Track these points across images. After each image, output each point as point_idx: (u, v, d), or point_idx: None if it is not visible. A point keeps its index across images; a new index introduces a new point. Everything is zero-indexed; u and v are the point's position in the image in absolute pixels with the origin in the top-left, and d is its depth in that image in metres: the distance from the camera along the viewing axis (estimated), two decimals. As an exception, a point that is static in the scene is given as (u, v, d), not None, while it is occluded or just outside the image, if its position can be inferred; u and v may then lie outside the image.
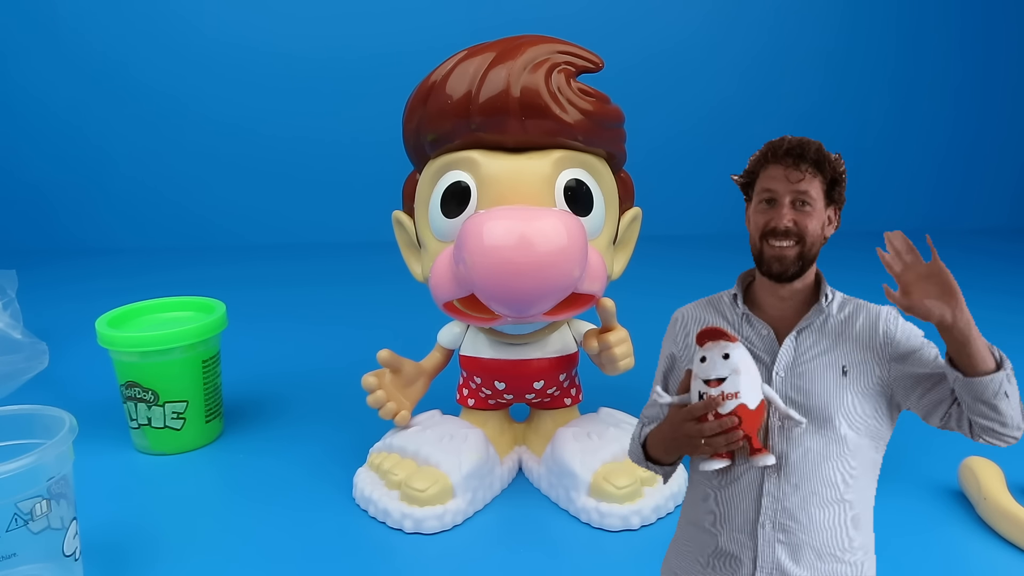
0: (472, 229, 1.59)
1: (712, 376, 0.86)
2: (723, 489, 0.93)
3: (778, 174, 0.90)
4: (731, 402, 0.84)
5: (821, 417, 0.90)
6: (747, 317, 0.95)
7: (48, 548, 1.43)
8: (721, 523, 0.93)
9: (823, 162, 0.90)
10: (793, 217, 0.89)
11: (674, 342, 1.01)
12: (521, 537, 1.73)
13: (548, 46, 1.71)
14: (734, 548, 0.92)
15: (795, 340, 0.93)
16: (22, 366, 2.59)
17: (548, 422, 2.01)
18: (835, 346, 0.92)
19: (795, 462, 0.90)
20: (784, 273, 0.90)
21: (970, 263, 4.27)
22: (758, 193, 0.93)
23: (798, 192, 0.89)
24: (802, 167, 0.89)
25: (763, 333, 0.94)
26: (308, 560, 1.64)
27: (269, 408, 2.44)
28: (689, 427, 0.86)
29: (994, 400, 0.84)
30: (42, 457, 1.36)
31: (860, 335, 0.92)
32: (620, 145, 1.87)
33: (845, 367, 0.91)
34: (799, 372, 0.92)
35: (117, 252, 4.76)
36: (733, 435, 0.84)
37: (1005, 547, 1.66)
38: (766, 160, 0.92)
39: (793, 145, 0.90)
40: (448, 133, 1.73)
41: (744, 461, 0.90)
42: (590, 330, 1.88)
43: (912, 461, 1.99)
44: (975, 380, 0.83)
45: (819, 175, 0.90)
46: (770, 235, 0.90)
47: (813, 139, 0.91)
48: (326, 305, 3.59)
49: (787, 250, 0.89)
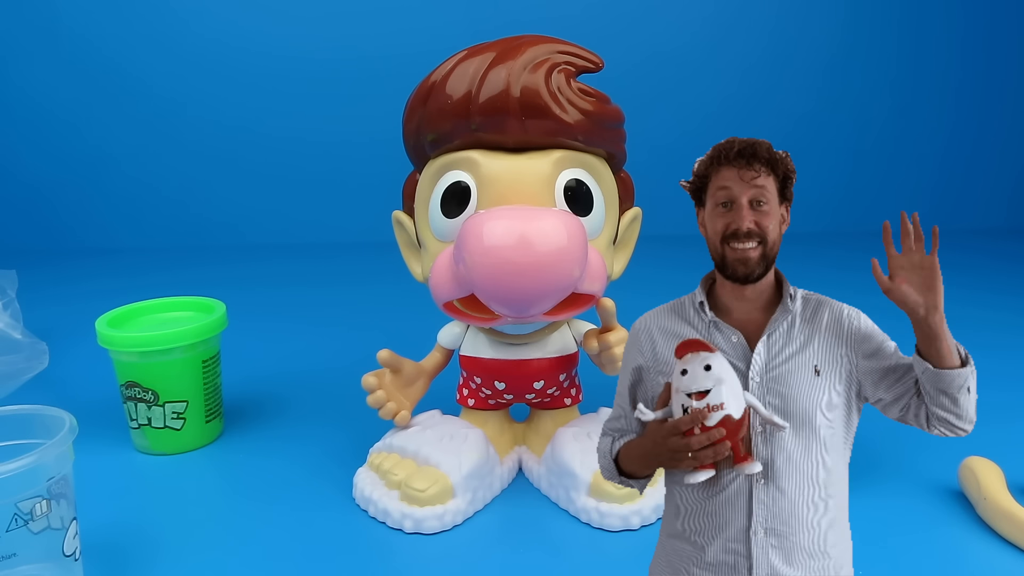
0: (472, 229, 1.59)
1: (695, 389, 0.84)
2: (709, 500, 0.91)
3: (732, 175, 0.90)
4: (717, 414, 0.83)
5: (800, 418, 0.90)
6: (715, 324, 0.94)
7: (48, 548, 1.43)
8: (710, 534, 0.92)
9: (775, 160, 0.90)
10: (753, 218, 0.89)
11: (640, 353, 0.98)
12: (521, 537, 1.73)
13: (548, 46, 1.71)
14: (726, 557, 0.91)
15: (766, 344, 0.92)
16: (22, 366, 2.59)
17: (548, 422, 2.01)
18: (805, 346, 0.92)
19: (780, 466, 0.90)
20: (750, 275, 0.90)
21: (970, 263, 4.27)
22: (712, 196, 0.92)
23: (757, 191, 0.89)
24: (755, 166, 0.89)
25: (733, 340, 0.93)
26: (308, 560, 1.64)
27: (269, 408, 2.44)
28: (674, 442, 0.84)
29: (956, 393, 0.86)
30: (42, 457, 1.36)
31: (827, 332, 0.93)
32: (620, 145, 1.87)
33: (817, 366, 0.91)
34: (774, 376, 0.91)
35: (117, 252, 4.76)
36: (721, 447, 0.83)
37: (1005, 547, 1.66)
38: (718, 162, 0.91)
39: (745, 145, 0.90)
40: (448, 133, 1.73)
41: (730, 471, 0.89)
42: (590, 330, 1.88)
43: (912, 461, 1.99)
44: (944, 372, 0.85)
45: (772, 174, 0.90)
46: (732, 238, 0.90)
47: (761, 139, 0.91)
48: (326, 305, 3.59)
49: (750, 251, 0.89)
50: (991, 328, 3.05)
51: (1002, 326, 3.12)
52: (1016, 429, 2.18)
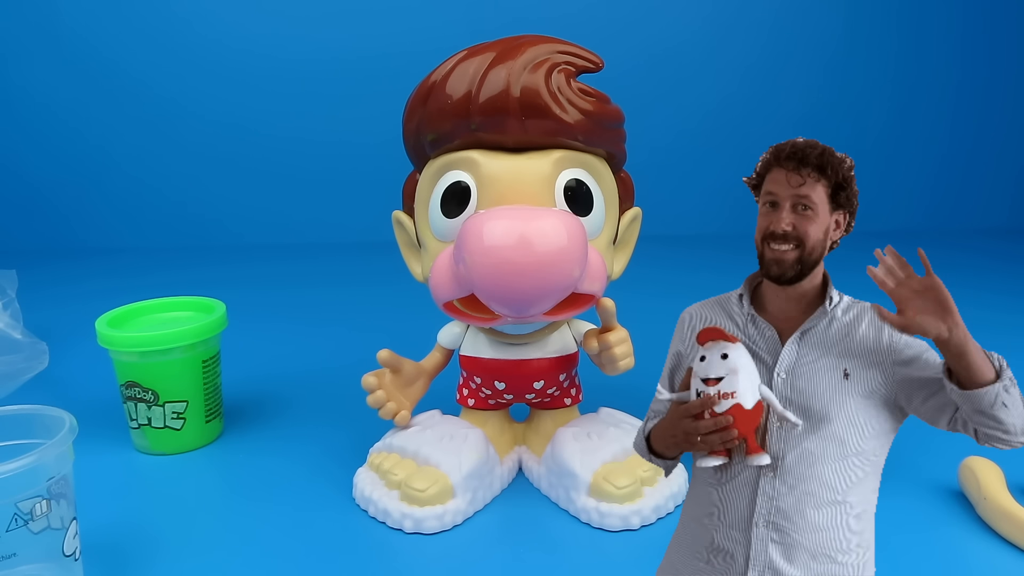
0: (472, 229, 1.59)
1: (710, 375, 0.87)
2: (721, 486, 0.94)
3: (780, 178, 0.91)
4: (727, 401, 0.86)
5: (820, 419, 0.90)
6: (752, 318, 0.96)
7: (48, 548, 1.43)
8: (719, 519, 0.94)
9: (826, 166, 0.90)
10: (792, 221, 0.90)
11: (681, 341, 1.02)
12: (521, 537, 1.73)
13: (548, 46, 1.71)
14: (728, 544, 0.93)
15: (798, 342, 0.93)
16: (22, 366, 2.59)
17: (548, 422, 2.01)
18: (838, 349, 0.92)
19: (791, 463, 0.90)
20: (782, 276, 0.91)
21: (970, 263, 4.28)
22: (762, 196, 0.93)
23: (799, 196, 0.89)
24: (803, 171, 0.89)
25: (767, 334, 0.95)
26: (308, 560, 1.64)
27: (269, 408, 2.44)
28: (686, 423, 0.88)
29: (991, 411, 0.83)
30: (42, 457, 1.36)
31: (864, 339, 0.93)
32: (620, 145, 1.87)
33: (847, 370, 0.91)
34: (800, 374, 0.92)
35: (117, 252, 4.76)
36: (728, 433, 0.85)
37: (1005, 547, 1.66)
38: (770, 163, 0.92)
39: (797, 149, 0.90)
40: (448, 133, 1.73)
41: (741, 460, 0.91)
42: (590, 330, 1.88)
43: (912, 461, 1.99)
44: (970, 392, 0.83)
45: (822, 179, 0.90)
46: (770, 238, 0.90)
47: (821, 142, 0.91)
48: (326, 305, 3.59)
49: (785, 254, 0.90)
50: (991, 328, 3.04)
51: (1002, 326, 3.12)
52: (1016, 429, 2.18)
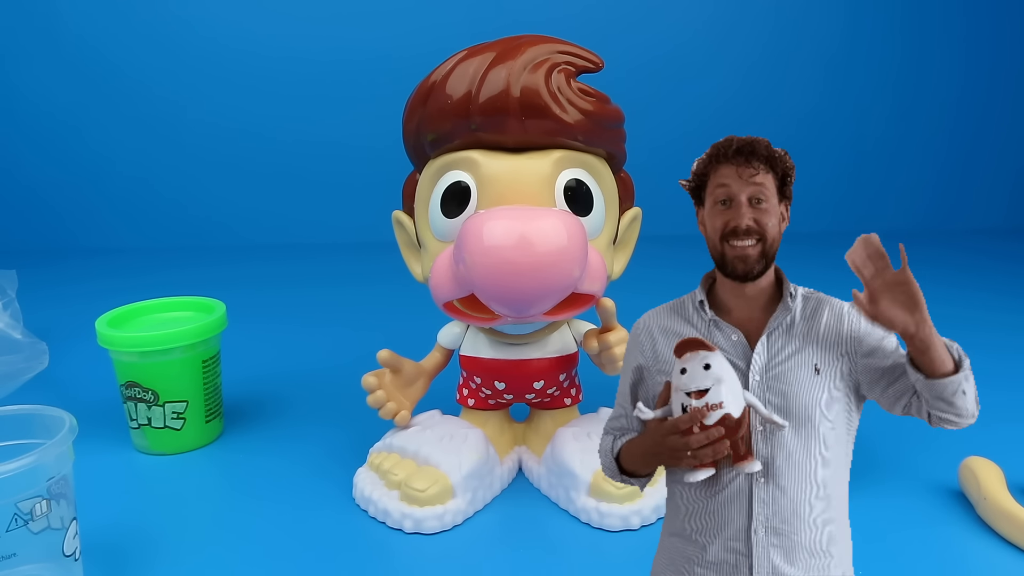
0: (472, 229, 1.59)
1: (694, 388, 0.85)
2: (710, 499, 0.92)
3: (731, 173, 0.90)
4: (716, 413, 0.83)
5: (800, 417, 0.90)
6: (715, 323, 0.94)
7: (48, 548, 1.43)
8: (711, 533, 0.92)
9: (773, 158, 0.91)
10: (752, 215, 0.90)
11: (640, 352, 0.98)
12: (521, 537, 1.73)
13: (548, 46, 1.71)
14: (728, 557, 0.91)
15: (766, 342, 0.93)
16: (22, 366, 2.59)
17: (548, 422, 2.01)
18: (805, 344, 0.92)
19: (781, 464, 0.90)
20: (749, 273, 0.90)
21: (969, 263, 4.27)
22: (711, 194, 0.93)
23: (755, 189, 0.90)
24: (754, 164, 0.90)
25: (733, 338, 0.93)
26: (308, 560, 1.64)
27: (269, 408, 2.44)
28: (674, 440, 0.85)
29: (952, 398, 0.86)
30: (42, 457, 1.36)
31: (827, 330, 0.93)
32: (620, 145, 1.87)
33: (817, 365, 0.92)
34: (774, 374, 0.91)
35: (117, 252, 4.76)
36: (720, 446, 0.83)
37: (1005, 547, 1.66)
38: (716, 160, 0.92)
39: (743, 143, 0.90)
40: (448, 133, 1.73)
41: (730, 469, 0.89)
42: (590, 330, 1.88)
43: (912, 461, 1.99)
44: (935, 381, 0.86)
45: (771, 171, 0.91)
46: (731, 235, 0.90)
47: (759, 137, 0.91)
48: (326, 305, 3.58)
49: (750, 249, 0.89)
50: (991, 328, 3.05)
51: (1002, 326, 3.12)
52: (1016, 429, 2.18)
